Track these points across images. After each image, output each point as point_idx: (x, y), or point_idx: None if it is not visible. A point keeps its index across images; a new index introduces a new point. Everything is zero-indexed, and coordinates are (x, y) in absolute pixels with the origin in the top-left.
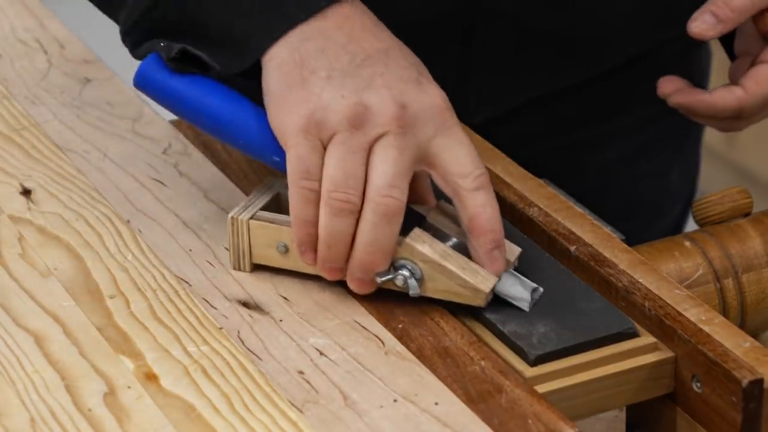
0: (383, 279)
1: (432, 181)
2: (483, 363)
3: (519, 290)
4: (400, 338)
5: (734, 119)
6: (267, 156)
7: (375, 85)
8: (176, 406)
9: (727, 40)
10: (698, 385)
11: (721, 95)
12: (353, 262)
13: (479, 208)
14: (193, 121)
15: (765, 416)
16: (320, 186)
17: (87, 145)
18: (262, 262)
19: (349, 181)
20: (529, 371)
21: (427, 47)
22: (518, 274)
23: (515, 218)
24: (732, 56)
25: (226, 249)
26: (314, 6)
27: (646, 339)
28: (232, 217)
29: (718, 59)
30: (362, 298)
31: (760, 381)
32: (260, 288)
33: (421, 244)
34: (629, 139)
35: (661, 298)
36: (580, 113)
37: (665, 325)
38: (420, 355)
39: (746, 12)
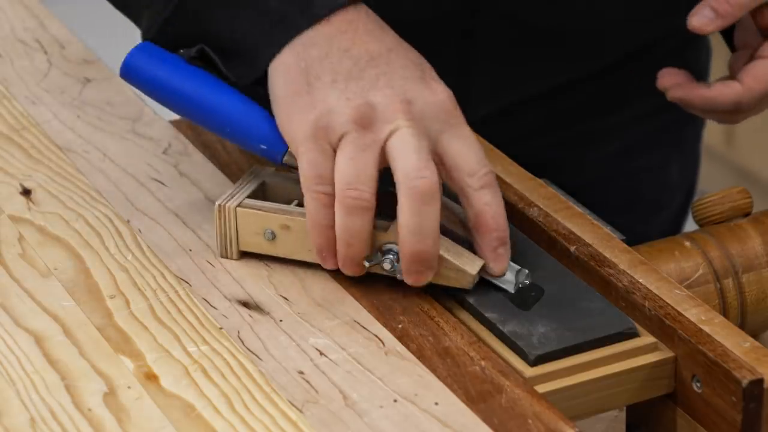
0: (371, 264)
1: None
2: (483, 363)
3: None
4: (400, 338)
5: (732, 113)
6: (255, 145)
7: (379, 86)
8: (176, 406)
9: (727, 32)
10: (698, 385)
11: (719, 90)
12: (407, 253)
13: (485, 206)
14: (179, 111)
15: (765, 416)
16: (333, 189)
17: (87, 145)
18: (249, 250)
19: (361, 178)
20: (529, 371)
21: (426, 45)
22: None
23: (515, 218)
24: (732, 47)
25: None
26: (317, 13)
27: (646, 339)
28: (219, 205)
29: (718, 56)
30: (362, 298)
31: (760, 381)
32: (260, 288)
33: None
34: (628, 134)
35: (661, 298)
36: (579, 108)
37: (665, 325)
38: (420, 355)
39: (745, 7)
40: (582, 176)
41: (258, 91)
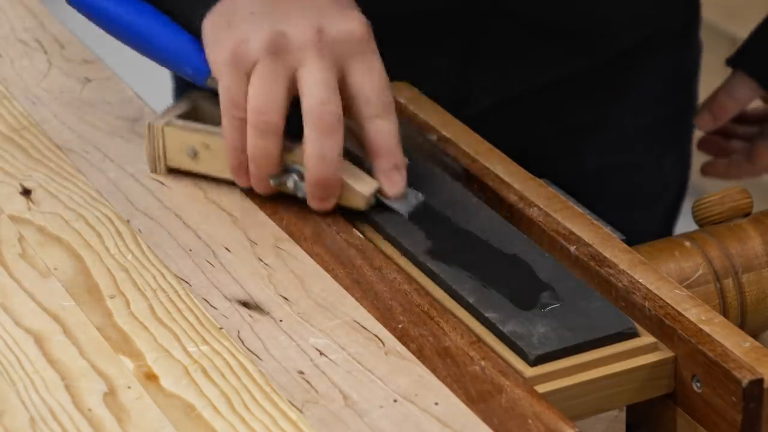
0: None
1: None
2: (483, 363)
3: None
4: (400, 338)
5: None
6: (182, 68)
7: (292, 15)
8: (176, 406)
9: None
10: (698, 385)
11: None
12: (311, 180)
13: (377, 132)
14: (118, 37)
15: (765, 416)
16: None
17: (87, 145)
18: (175, 166)
19: (270, 104)
20: (529, 371)
21: (430, 38)
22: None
23: (515, 218)
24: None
25: (227, 249)
26: None
27: (646, 339)
28: (149, 124)
29: (709, 52)
30: (362, 298)
31: (760, 381)
32: (260, 288)
33: None
34: (624, 126)
35: (661, 298)
36: (577, 100)
37: (665, 325)
38: (420, 355)
39: (737, 109)
40: (578, 169)
41: None
